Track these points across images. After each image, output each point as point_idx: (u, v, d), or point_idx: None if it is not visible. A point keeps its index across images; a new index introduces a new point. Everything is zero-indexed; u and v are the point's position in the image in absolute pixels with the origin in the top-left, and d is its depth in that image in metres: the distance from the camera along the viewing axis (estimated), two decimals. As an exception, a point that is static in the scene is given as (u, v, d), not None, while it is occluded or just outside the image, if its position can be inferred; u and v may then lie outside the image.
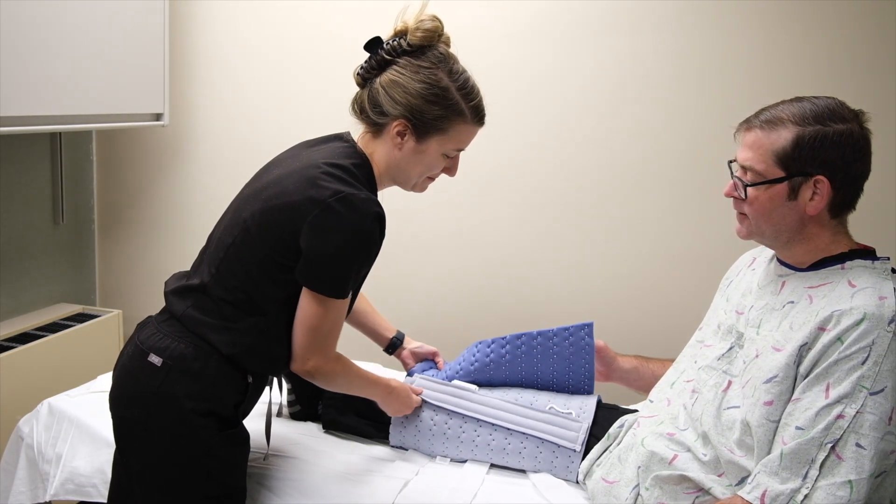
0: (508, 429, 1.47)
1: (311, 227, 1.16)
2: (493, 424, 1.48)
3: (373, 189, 1.28)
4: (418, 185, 1.34)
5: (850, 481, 1.01)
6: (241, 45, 2.39)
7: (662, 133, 2.03)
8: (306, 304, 1.21)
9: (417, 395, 1.51)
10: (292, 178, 1.20)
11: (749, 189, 1.17)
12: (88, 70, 2.04)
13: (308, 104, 2.30)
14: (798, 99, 1.17)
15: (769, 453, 1.09)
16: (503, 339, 1.59)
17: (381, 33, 1.28)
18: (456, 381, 1.58)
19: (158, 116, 2.33)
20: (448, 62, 1.25)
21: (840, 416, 1.03)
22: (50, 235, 2.46)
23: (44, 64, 1.91)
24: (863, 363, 1.03)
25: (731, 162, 1.24)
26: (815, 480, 1.02)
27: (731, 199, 1.23)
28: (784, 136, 1.13)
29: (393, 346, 1.66)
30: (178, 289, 1.27)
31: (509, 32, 2.11)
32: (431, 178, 1.35)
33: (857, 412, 1.02)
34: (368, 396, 1.42)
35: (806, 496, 1.02)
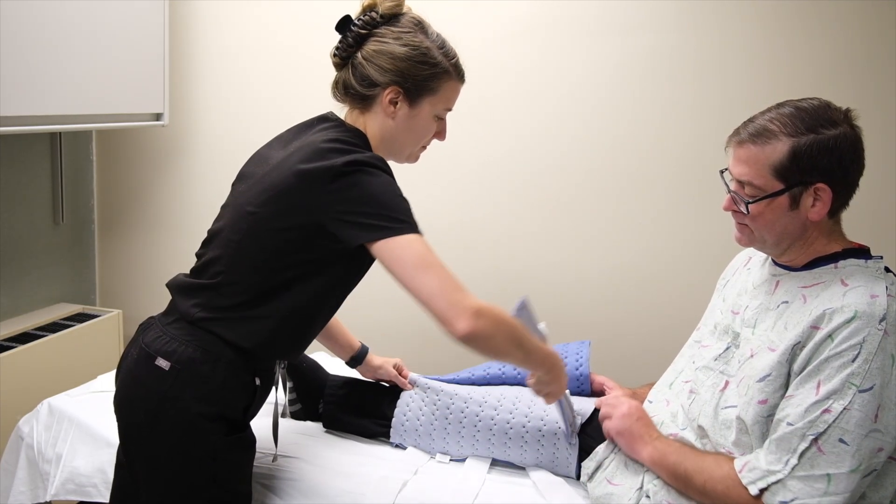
0: (508, 417, 1.47)
1: (332, 195, 1.12)
2: (492, 414, 1.48)
3: None
4: (413, 155, 1.34)
5: (828, 475, 1.03)
6: (241, 45, 2.39)
7: (660, 132, 2.03)
8: (400, 269, 1.09)
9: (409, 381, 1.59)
10: (294, 156, 1.18)
11: (751, 205, 1.16)
12: (88, 70, 2.04)
13: (308, 104, 2.28)
14: (781, 105, 1.16)
15: None
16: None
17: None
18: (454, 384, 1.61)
19: (158, 116, 2.33)
20: (423, 25, 1.27)
21: (826, 411, 1.04)
22: (50, 235, 2.47)
23: (44, 64, 1.91)
24: (853, 360, 1.04)
25: (722, 172, 1.23)
26: (793, 469, 1.05)
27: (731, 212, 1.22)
28: (779, 149, 1.12)
29: (356, 359, 1.64)
30: (187, 289, 1.26)
31: (506, 31, 2.11)
32: (424, 146, 1.35)
33: (845, 408, 1.03)
34: (533, 356, 1.20)
35: (780, 481, 1.06)
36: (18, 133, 2.01)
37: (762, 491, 1.08)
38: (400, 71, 1.23)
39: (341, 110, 1.32)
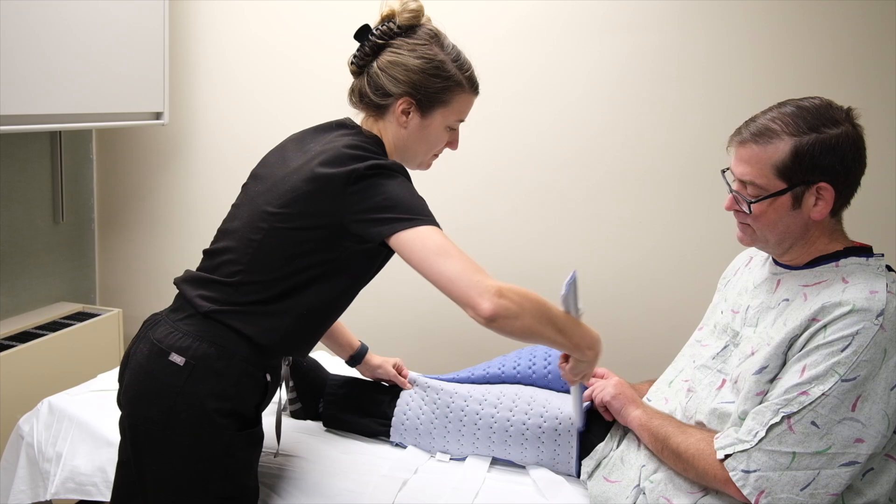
0: (508, 415, 1.47)
1: (353, 196, 1.15)
2: (492, 413, 1.48)
3: None
4: (424, 163, 1.36)
5: (793, 453, 1.05)
6: (241, 45, 2.39)
7: (665, 132, 2.03)
8: (420, 258, 1.11)
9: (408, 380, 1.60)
10: (315, 159, 1.20)
11: (753, 205, 1.16)
12: (88, 69, 2.04)
13: (308, 103, 2.30)
14: (783, 104, 1.16)
15: None
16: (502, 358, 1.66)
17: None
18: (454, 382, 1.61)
19: (158, 115, 2.33)
20: (439, 38, 1.29)
21: (804, 393, 1.06)
22: (50, 234, 2.47)
23: (44, 64, 1.91)
24: (842, 350, 1.05)
25: (724, 171, 1.24)
26: (760, 441, 1.07)
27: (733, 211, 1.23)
28: (781, 149, 1.12)
29: (355, 358, 1.64)
30: (201, 283, 1.25)
31: (512, 32, 2.11)
32: (436, 155, 1.37)
33: (823, 394, 1.05)
34: (569, 335, 1.17)
35: (746, 451, 1.08)
36: (18, 132, 2.01)
37: (727, 457, 1.10)
38: (413, 83, 1.25)
39: (356, 116, 1.34)
